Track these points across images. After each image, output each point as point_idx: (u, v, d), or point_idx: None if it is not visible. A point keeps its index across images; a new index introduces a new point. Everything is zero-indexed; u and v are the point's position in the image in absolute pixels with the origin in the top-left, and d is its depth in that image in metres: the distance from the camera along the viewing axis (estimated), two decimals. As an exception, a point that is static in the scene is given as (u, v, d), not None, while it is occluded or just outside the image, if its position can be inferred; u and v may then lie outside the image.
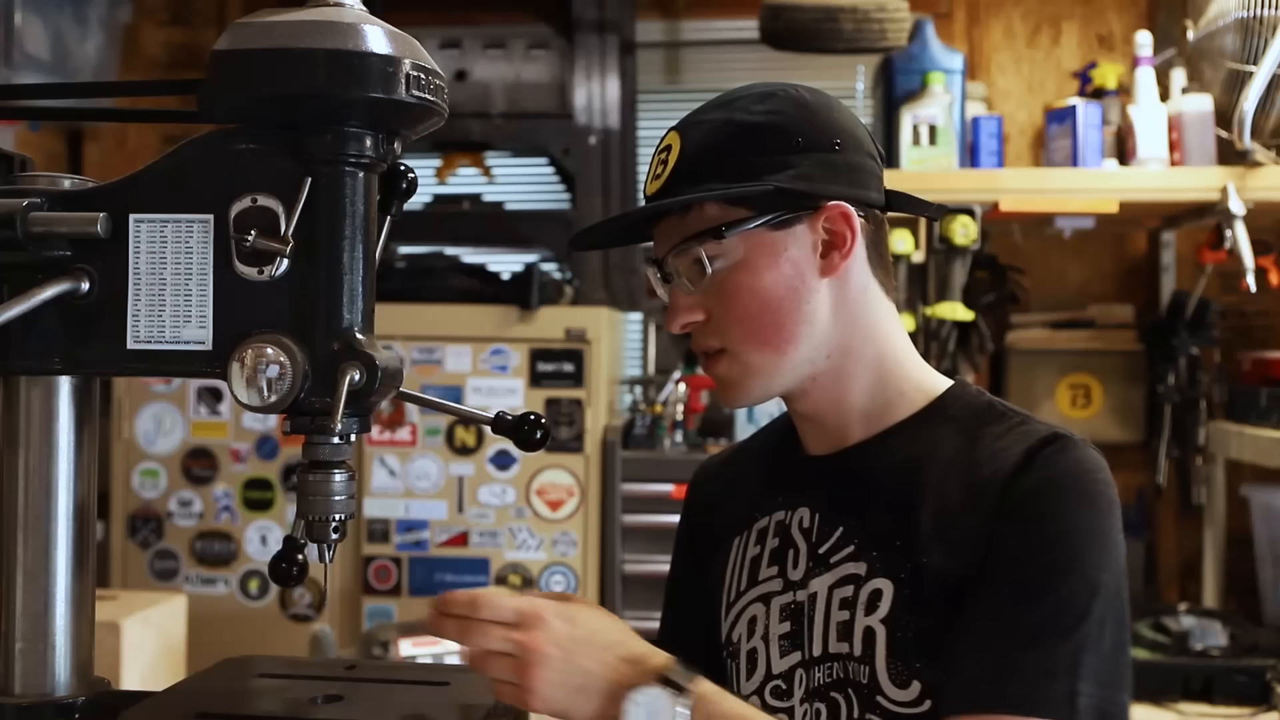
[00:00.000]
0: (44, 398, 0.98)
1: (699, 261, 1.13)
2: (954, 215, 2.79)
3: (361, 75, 0.88)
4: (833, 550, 1.15)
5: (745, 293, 1.13)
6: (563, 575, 3.07)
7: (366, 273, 0.94)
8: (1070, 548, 1.05)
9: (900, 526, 1.11)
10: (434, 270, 3.23)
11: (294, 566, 0.92)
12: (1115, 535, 1.07)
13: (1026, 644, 1.02)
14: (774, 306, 1.13)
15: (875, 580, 1.11)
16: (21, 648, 0.97)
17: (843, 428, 1.19)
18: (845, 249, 1.14)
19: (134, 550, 3.23)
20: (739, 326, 1.14)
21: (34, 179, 0.99)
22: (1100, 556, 1.05)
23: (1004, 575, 1.05)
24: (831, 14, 2.98)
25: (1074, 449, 1.09)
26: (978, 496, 1.08)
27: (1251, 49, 2.66)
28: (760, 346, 1.14)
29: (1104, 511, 1.07)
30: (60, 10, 3.42)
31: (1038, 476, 1.07)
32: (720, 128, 1.14)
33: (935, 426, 1.16)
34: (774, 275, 1.13)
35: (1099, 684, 1.02)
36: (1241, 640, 2.74)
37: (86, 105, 1.11)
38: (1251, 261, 2.69)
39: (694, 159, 1.14)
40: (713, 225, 1.13)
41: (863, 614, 1.11)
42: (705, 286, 1.14)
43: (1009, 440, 1.11)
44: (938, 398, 1.19)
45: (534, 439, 1.02)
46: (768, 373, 1.15)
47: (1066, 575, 1.04)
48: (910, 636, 1.08)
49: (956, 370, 3.02)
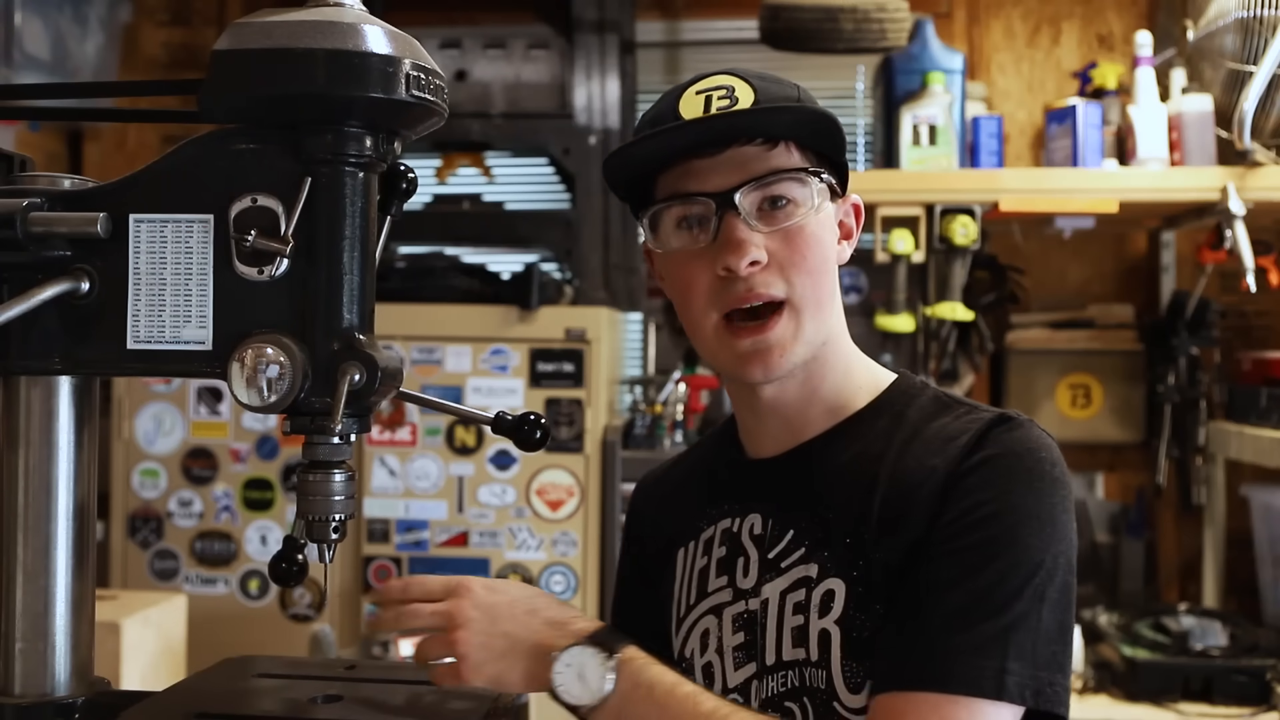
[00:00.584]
0: (44, 398, 0.98)
1: (783, 200, 1.10)
2: (954, 215, 2.79)
3: (361, 75, 0.88)
4: (783, 554, 1.13)
5: (816, 245, 1.12)
6: (563, 575, 3.07)
7: (366, 273, 0.94)
8: (1006, 525, 1.02)
9: (850, 523, 1.09)
10: (434, 270, 3.23)
11: (294, 566, 0.92)
12: (1060, 514, 1.04)
13: (957, 621, 1.00)
14: (828, 269, 1.14)
15: (827, 581, 1.09)
16: (21, 648, 0.97)
17: (803, 421, 1.17)
18: (852, 240, 1.20)
19: (134, 550, 3.22)
20: (808, 277, 1.11)
21: (34, 179, 0.99)
22: (1039, 536, 1.02)
23: (938, 551, 1.03)
24: (831, 14, 2.98)
25: (1019, 429, 1.08)
26: (925, 484, 1.06)
27: (1251, 49, 2.66)
28: (816, 306, 1.12)
29: (1045, 490, 1.05)
30: (60, 10, 3.42)
31: (980, 456, 1.05)
32: (792, 87, 1.15)
33: (883, 420, 1.15)
34: (830, 238, 1.15)
35: (1034, 664, 0.99)
36: (1241, 640, 2.74)
37: (86, 105, 1.11)
38: (1251, 261, 2.69)
39: (778, 101, 1.11)
40: (800, 167, 1.11)
41: (816, 616, 1.08)
42: (772, 230, 1.10)
43: (956, 428, 1.10)
44: (884, 391, 1.18)
45: (534, 439, 1.02)
46: (810, 339, 1.13)
47: (1001, 552, 1.01)
48: (866, 636, 1.05)
49: (956, 370, 3.03)
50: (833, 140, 1.14)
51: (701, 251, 1.11)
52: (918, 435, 1.11)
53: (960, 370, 3.04)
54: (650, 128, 1.13)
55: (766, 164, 1.10)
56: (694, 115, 1.10)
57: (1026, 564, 1.01)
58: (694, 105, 1.10)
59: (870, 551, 1.07)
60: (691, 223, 1.12)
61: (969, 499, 1.04)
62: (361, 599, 3.16)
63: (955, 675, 0.98)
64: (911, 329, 2.89)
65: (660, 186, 1.14)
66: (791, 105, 1.11)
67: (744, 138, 1.10)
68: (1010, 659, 0.99)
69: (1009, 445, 1.06)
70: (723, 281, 1.10)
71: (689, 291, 1.13)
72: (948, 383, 2.97)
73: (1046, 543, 1.03)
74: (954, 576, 1.01)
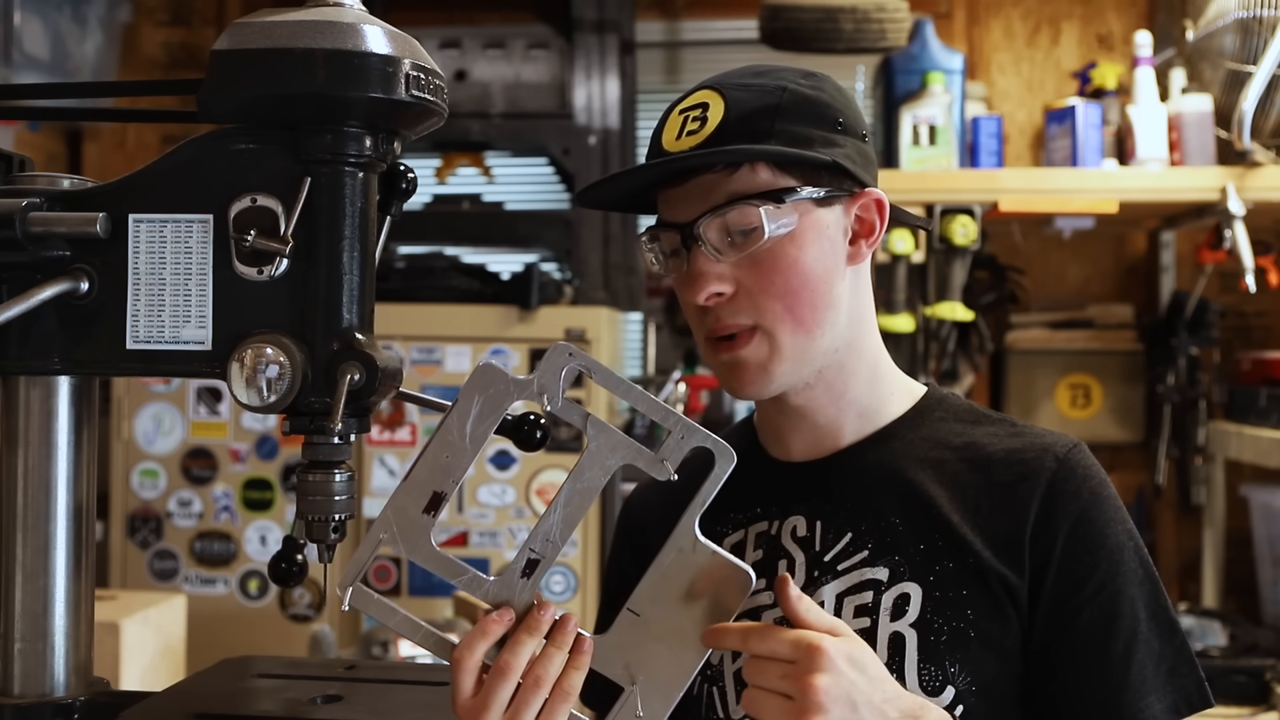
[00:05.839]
0: (44, 398, 0.98)
1: (743, 228, 1.06)
2: (954, 215, 2.79)
3: (361, 75, 0.88)
4: (841, 557, 1.12)
5: (789, 267, 1.06)
6: (562, 575, 3.07)
7: (366, 273, 0.94)
8: (1130, 551, 1.09)
9: (921, 529, 1.10)
10: (434, 270, 3.23)
11: (294, 566, 0.92)
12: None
13: (1146, 652, 1.06)
14: (812, 285, 1.08)
15: (901, 585, 1.08)
16: (20, 648, 0.97)
17: (836, 428, 1.16)
18: (873, 238, 1.13)
19: (133, 550, 3.22)
20: (778, 302, 1.07)
21: (33, 179, 0.98)
22: (1144, 549, 1.11)
23: (1095, 599, 1.07)
24: (831, 14, 2.98)
25: (1089, 455, 1.13)
26: (1006, 502, 1.09)
27: (1251, 49, 2.66)
28: (795, 327, 1.08)
29: (1123, 507, 1.12)
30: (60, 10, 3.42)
31: (1082, 492, 1.09)
32: (773, 92, 1.08)
33: (929, 427, 1.16)
34: (816, 252, 1.08)
35: (1196, 664, 1.09)
36: (1241, 640, 2.74)
37: (86, 105, 1.11)
38: (1251, 261, 2.69)
39: (747, 118, 1.06)
40: (765, 189, 1.06)
41: (887, 620, 1.08)
42: (739, 256, 1.06)
43: (1019, 444, 1.13)
44: (922, 398, 1.19)
45: (534, 439, 1.02)
46: (795, 358, 1.09)
47: (1141, 580, 1.08)
48: (944, 639, 1.06)
49: (956, 370, 3.03)
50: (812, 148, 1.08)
51: (681, 278, 1.11)
52: (973, 445, 1.14)
53: (960, 370, 3.04)
54: (649, 145, 1.13)
55: (726, 191, 1.06)
56: (670, 140, 1.09)
57: (1155, 579, 1.10)
58: (673, 129, 1.10)
59: (947, 558, 1.08)
60: (668, 251, 1.12)
61: (1096, 544, 1.08)
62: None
63: (1167, 705, 1.06)
64: (911, 329, 2.89)
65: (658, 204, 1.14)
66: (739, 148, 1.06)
67: (695, 171, 1.07)
68: (1195, 665, 1.09)
69: (1095, 474, 1.11)
70: (700, 309, 1.10)
71: (686, 311, 1.14)
72: (948, 383, 2.97)
73: (1146, 553, 1.11)
74: (1124, 614, 1.07)
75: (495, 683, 0.92)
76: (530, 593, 0.96)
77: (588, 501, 0.96)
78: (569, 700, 0.93)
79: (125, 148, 3.85)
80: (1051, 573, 1.07)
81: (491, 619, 0.95)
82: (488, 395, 0.95)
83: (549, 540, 0.96)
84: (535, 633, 0.94)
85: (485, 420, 0.95)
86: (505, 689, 0.92)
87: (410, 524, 0.95)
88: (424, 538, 0.95)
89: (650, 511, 1.28)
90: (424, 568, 0.96)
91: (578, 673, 0.94)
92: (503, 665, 0.92)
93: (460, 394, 0.95)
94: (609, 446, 0.96)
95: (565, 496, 0.96)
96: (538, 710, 0.92)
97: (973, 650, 1.06)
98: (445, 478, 0.95)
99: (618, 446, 0.96)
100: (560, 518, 0.96)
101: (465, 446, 0.95)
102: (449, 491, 0.95)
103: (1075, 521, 1.08)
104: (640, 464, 0.96)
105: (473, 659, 0.93)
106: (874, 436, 1.16)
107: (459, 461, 0.95)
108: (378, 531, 0.95)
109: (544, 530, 0.96)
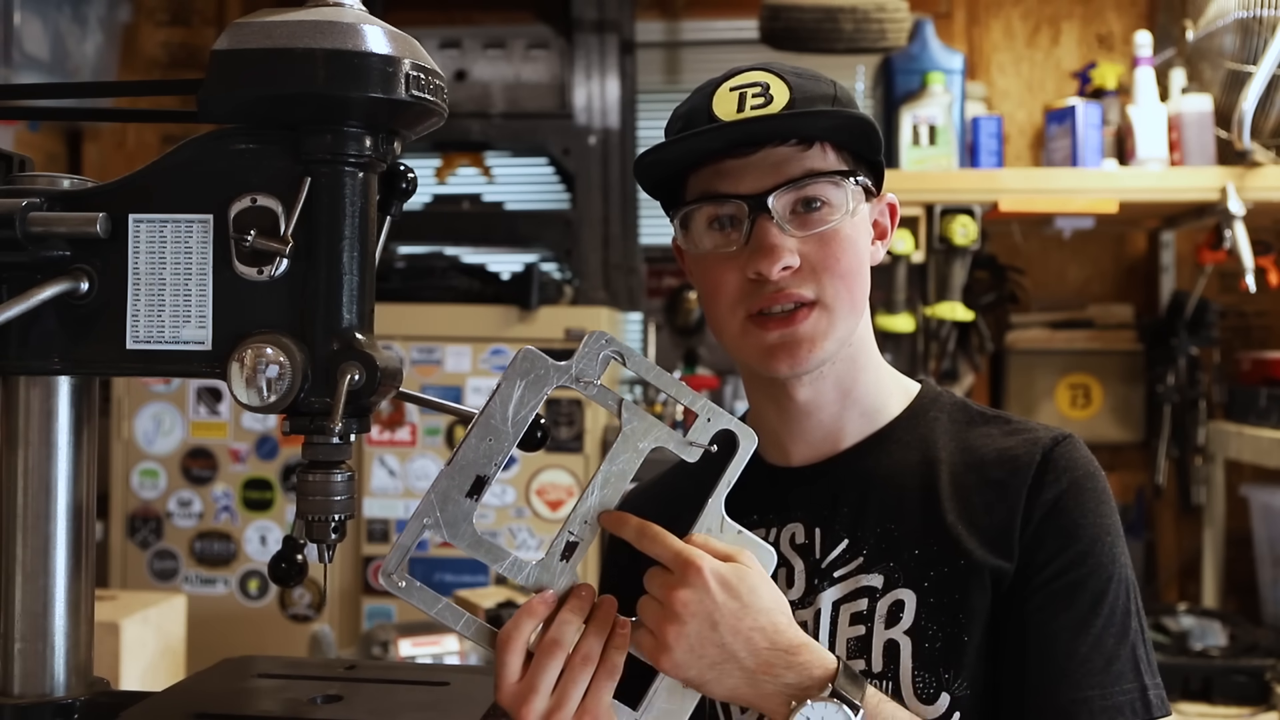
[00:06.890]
0: (43, 398, 0.98)
1: (818, 202, 1.08)
2: (954, 215, 2.79)
3: (361, 75, 0.88)
4: (838, 563, 1.11)
5: (850, 247, 1.09)
6: (562, 575, 3.07)
7: (366, 273, 0.94)
8: (1103, 549, 1.07)
9: (917, 533, 1.09)
10: (434, 270, 3.23)
11: (294, 566, 0.92)
12: (1120, 526, 1.11)
13: (1092, 653, 1.04)
14: (863, 270, 1.12)
15: (896, 591, 1.08)
16: (20, 648, 0.97)
17: (838, 428, 1.16)
18: (886, 240, 1.18)
19: (133, 550, 3.22)
20: (840, 280, 1.08)
21: (33, 179, 0.98)
22: (1122, 551, 1.09)
23: (1049, 585, 1.05)
24: (831, 14, 2.98)
25: (1080, 448, 1.12)
26: (999, 498, 1.08)
27: (1251, 49, 2.66)
28: (850, 307, 1.10)
29: (1112, 505, 1.11)
30: (60, 10, 3.42)
31: (1061, 480, 1.08)
32: (826, 83, 1.12)
33: (924, 427, 1.16)
34: (865, 239, 1.13)
35: (1153, 673, 1.05)
36: (1241, 640, 2.74)
37: (86, 105, 1.11)
38: (1251, 261, 2.69)
39: (813, 99, 1.08)
40: (835, 169, 1.08)
41: (882, 627, 1.07)
42: (806, 233, 1.08)
43: (1011, 441, 1.12)
44: (917, 396, 1.19)
45: (534, 439, 1.02)
46: (841, 337, 1.11)
47: (1108, 579, 1.06)
48: (939, 646, 1.05)
49: (956, 370, 3.03)
50: (869, 141, 1.11)
51: (733, 254, 1.09)
52: (968, 445, 1.13)
53: (960, 370, 3.04)
54: (683, 123, 1.11)
55: (801, 166, 1.07)
56: (728, 113, 1.07)
57: (1123, 580, 1.07)
58: (728, 103, 1.08)
59: (942, 563, 1.07)
60: (724, 223, 1.10)
61: (1065, 530, 1.07)
62: (361, 599, 3.16)
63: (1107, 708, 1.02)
64: (911, 329, 2.89)
65: (691, 185, 1.12)
66: (828, 110, 1.09)
67: (778, 139, 1.08)
68: (1143, 674, 1.04)
69: (1086, 468, 1.10)
70: (753, 284, 1.09)
71: (718, 291, 1.11)
72: (948, 383, 2.97)
73: (1125, 555, 1.09)
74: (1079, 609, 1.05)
75: (544, 660, 0.94)
76: (569, 576, 0.98)
77: (623, 484, 0.99)
78: (613, 678, 0.95)
79: (125, 148, 3.85)
80: (1019, 557, 1.06)
81: (536, 600, 0.96)
82: (529, 379, 0.98)
83: (586, 523, 0.98)
84: (579, 612, 0.96)
85: (527, 404, 0.98)
86: (554, 666, 0.94)
87: (453, 508, 0.97)
88: (467, 522, 0.98)
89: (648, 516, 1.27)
90: (465, 553, 0.98)
91: (619, 652, 0.95)
92: (551, 641, 0.94)
93: (502, 379, 0.98)
94: (642, 430, 0.99)
95: (601, 479, 0.99)
96: (584, 689, 0.94)
97: (968, 656, 1.05)
98: (488, 462, 0.97)
99: (650, 430, 0.99)
100: (597, 500, 0.99)
101: (508, 430, 0.97)
102: (492, 475, 0.97)
103: (1050, 509, 1.07)
104: (671, 446, 1.00)
105: (521, 638, 0.94)
106: (872, 438, 1.16)
107: (501, 445, 0.97)
108: (421, 516, 0.97)
109: (581, 513, 0.98)
